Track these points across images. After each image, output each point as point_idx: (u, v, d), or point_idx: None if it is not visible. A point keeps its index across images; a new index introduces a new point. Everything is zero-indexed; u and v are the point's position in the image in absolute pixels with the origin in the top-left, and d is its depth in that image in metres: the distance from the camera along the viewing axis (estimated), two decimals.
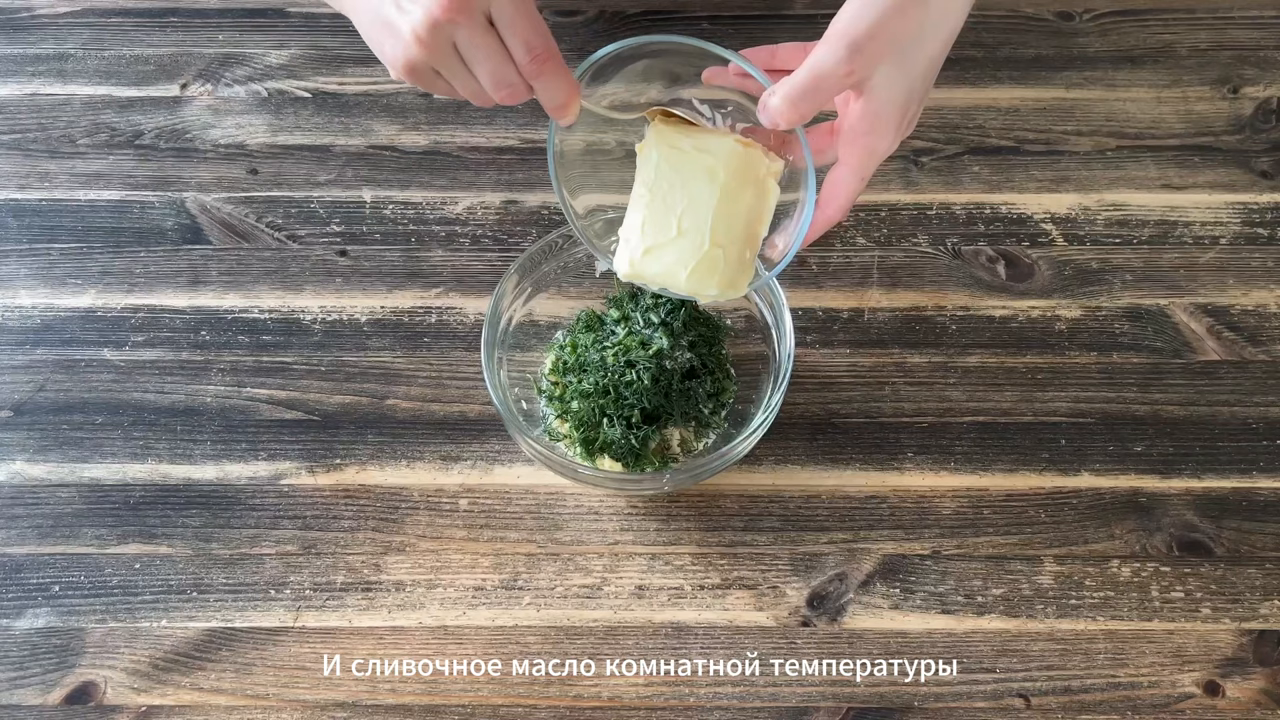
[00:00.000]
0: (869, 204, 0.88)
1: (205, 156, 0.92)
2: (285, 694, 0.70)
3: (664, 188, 0.66)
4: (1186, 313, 0.83)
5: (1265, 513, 0.75)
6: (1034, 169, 0.90)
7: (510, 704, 0.69)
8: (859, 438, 0.78)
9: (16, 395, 0.81)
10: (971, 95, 0.94)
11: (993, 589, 0.73)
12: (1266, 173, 0.89)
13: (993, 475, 0.77)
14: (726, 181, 0.65)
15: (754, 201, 0.66)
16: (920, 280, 0.85)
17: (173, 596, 0.73)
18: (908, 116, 0.62)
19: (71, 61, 0.97)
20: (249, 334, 0.83)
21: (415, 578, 0.74)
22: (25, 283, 0.86)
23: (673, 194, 0.66)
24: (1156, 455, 0.77)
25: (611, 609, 0.73)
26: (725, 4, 1.00)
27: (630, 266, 0.67)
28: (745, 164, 0.66)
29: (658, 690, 0.70)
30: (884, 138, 0.62)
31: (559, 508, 0.76)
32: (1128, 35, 0.97)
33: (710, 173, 0.65)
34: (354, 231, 0.88)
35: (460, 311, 0.84)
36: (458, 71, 0.61)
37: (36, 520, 0.76)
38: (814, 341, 0.82)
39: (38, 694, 0.70)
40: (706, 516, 0.76)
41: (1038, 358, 0.81)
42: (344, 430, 0.79)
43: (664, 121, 0.67)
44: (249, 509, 0.76)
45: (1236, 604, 0.72)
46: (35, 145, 0.92)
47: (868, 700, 0.69)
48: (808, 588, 0.73)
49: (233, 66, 0.97)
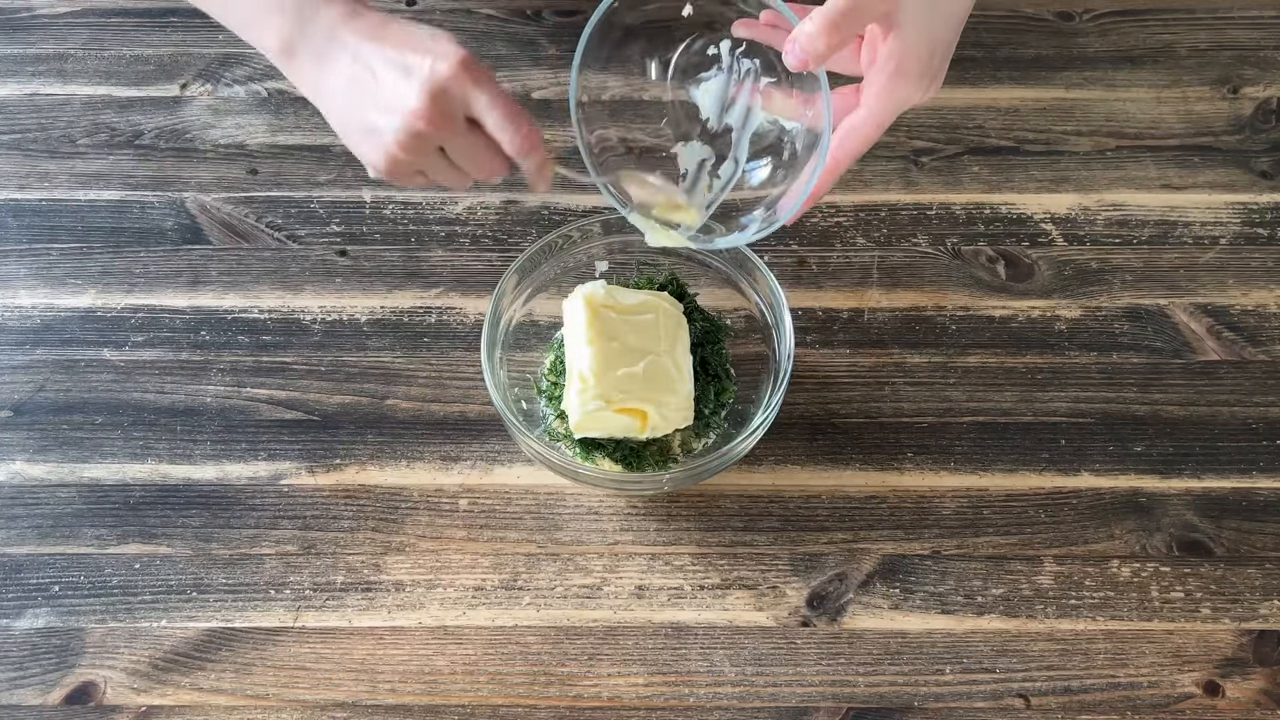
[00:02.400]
0: (869, 204, 0.88)
1: (205, 156, 0.92)
2: (285, 694, 0.70)
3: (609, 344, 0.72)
4: (1186, 313, 0.83)
5: (1265, 513, 0.75)
6: (1034, 169, 0.90)
7: (510, 704, 0.69)
8: (859, 438, 0.78)
9: (16, 395, 0.81)
10: (971, 95, 0.94)
11: (993, 589, 0.73)
12: (1266, 173, 0.89)
13: (993, 475, 0.77)
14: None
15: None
16: (920, 280, 0.85)
17: (173, 596, 0.73)
18: (934, 65, 0.62)
19: (71, 61, 0.97)
20: (249, 334, 0.83)
21: (415, 578, 0.74)
22: (25, 283, 0.86)
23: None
24: (1156, 455, 0.77)
25: (611, 609, 0.73)
26: None
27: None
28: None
29: (658, 690, 0.70)
30: (908, 80, 0.61)
31: (559, 508, 0.76)
32: (1128, 35, 0.97)
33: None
34: (354, 231, 0.88)
35: (460, 311, 0.84)
36: (441, 169, 0.63)
37: (36, 520, 0.76)
38: (814, 341, 0.82)
39: (38, 694, 0.70)
40: (706, 516, 0.76)
41: (1038, 358, 0.81)
42: (344, 430, 0.79)
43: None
44: (249, 509, 0.76)
45: (1236, 604, 0.72)
46: (35, 145, 0.92)
47: (868, 700, 0.69)
48: (808, 588, 0.73)
49: (233, 66, 0.97)
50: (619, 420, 0.71)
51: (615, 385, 0.70)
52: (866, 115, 0.62)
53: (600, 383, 0.70)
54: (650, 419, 0.71)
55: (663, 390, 0.71)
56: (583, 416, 0.70)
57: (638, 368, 0.70)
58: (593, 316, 0.71)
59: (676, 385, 0.72)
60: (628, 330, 0.72)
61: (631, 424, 0.71)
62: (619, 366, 0.70)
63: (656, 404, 0.71)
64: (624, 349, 0.71)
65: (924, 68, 0.61)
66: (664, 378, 0.71)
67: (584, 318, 0.72)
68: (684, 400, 0.72)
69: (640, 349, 0.71)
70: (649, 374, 0.71)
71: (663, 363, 0.71)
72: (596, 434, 0.72)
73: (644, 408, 0.71)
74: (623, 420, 0.71)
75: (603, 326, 0.71)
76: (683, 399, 0.72)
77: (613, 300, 0.73)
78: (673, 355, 0.72)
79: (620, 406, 0.70)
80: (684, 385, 0.72)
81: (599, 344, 0.71)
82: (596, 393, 0.70)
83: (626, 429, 0.71)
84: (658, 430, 0.72)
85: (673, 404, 0.71)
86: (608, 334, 0.71)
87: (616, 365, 0.70)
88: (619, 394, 0.70)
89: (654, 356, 0.71)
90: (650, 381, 0.71)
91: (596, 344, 0.71)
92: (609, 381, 0.70)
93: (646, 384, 0.71)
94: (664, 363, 0.71)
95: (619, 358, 0.71)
